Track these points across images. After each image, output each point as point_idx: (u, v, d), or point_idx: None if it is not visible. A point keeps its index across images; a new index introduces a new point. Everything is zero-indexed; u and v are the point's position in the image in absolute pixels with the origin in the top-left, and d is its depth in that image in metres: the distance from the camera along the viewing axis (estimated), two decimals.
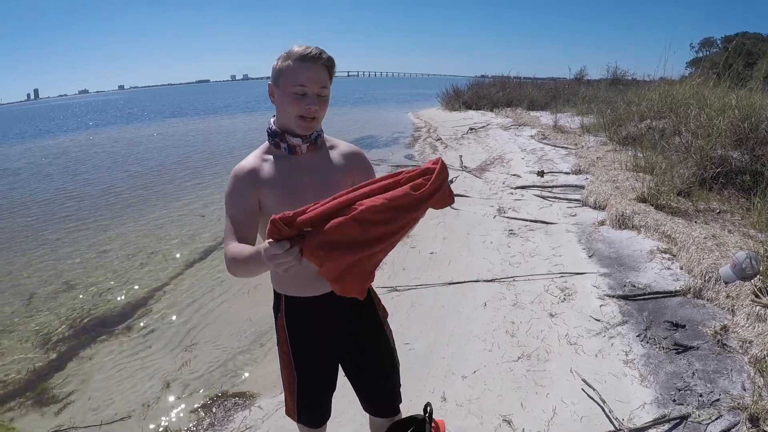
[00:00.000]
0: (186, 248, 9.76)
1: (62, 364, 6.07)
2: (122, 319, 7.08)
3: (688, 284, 5.77)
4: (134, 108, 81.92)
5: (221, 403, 5.01)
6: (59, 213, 13.05)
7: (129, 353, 6.19)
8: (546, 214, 9.20)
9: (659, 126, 12.86)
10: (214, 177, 16.77)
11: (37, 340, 6.64)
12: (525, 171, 12.76)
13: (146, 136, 33.38)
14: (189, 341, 6.36)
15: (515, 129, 20.71)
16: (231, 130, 34.60)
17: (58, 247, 10.22)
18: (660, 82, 16.54)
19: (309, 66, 2.33)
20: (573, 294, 6.08)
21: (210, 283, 8.00)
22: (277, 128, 2.51)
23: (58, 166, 21.04)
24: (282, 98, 2.39)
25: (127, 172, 18.71)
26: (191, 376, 5.59)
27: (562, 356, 4.87)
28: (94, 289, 8.06)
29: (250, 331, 6.48)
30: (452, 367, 4.89)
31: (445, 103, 35.79)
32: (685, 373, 4.40)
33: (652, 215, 7.63)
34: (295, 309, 2.68)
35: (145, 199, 14.23)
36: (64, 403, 5.31)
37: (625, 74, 30.89)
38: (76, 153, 25.50)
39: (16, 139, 38.24)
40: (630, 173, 10.25)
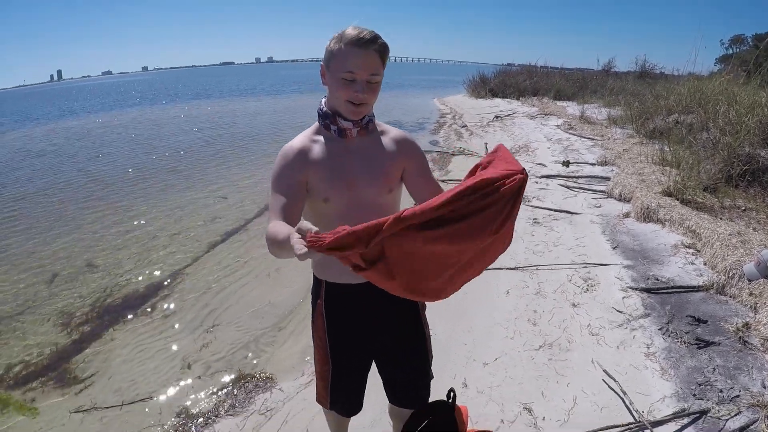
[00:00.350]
0: (208, 230, 9.81)
1: (84, 344, 6.12)
2: (144, 300, 7.13)
3: (712, 280, 5.75)
4: (158, 89, 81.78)
5: (242, 385, 5.04)
6: (82, 194, 13.10)
7: (151, 334, 6.25)
8: (570, 204, 9.19)
9: (687, 121, 12.76)
10: (237, 159, 16.85)
11: (60, 320, 6.69)
12: (550, 160, 12.71)
13: (170, 117, 33.41)
14: (210, 323, 6.40)
15: (541, 118, 20.57)
16: (256, 112, 34.51)
17: (81, 228, 10.28)
18: (689, 77, 16.41)
19: (360, 52, 2.25)
20: (596, 285, 6.08)
21: (232, 265, 8.05)
22: (327, 110, 2.46)
23: (80, 148, 21.05)
24: (332, 82, 2.34)
25: (150, 153, 18.73)
26: (212, 358, 5.64)
27: (583, 346, 4.89)
28: (117, 270, 8.11)
29: (272, 313, 6.53)
30: (474, 354, 4.92)
31: (471, 90, 35.64)
32: (705, 368, 4.40)
33: (677, 209, 7.60)
34: (336, 296, 2.67)
35: (168, 181, 14.25)
36: (86, 383, 5.35)
37: (654, 67, 30.61)
38: (99, 134, 25.55)
39: (39, 120, 38.23)
40: (656, 167, 10.18)
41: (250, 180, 13.79)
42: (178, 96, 60.01)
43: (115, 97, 68.43)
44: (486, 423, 3.94)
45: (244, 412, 4.59)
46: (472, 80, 36.47)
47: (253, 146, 19.38)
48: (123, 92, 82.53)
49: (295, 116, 30.04)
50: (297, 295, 6.90)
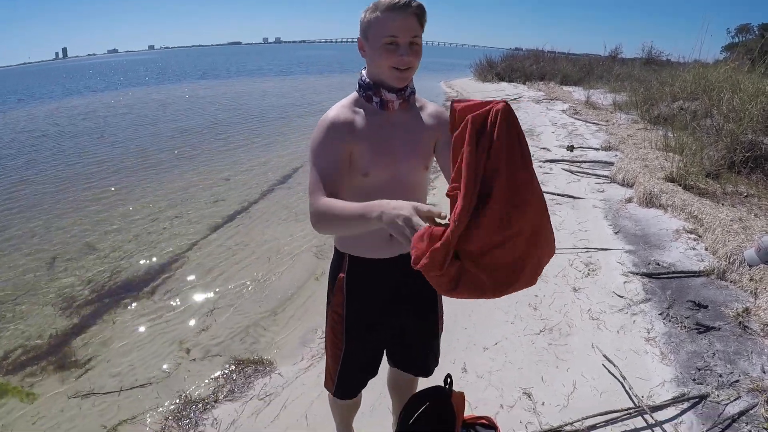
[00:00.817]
0: (210, 212, 9.76)
1: (84, 328, 6.09)
2: (145, 283, 7.10)
3: (713, 265, 5.76)
4: (165, 69, 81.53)
5: (241, 369, 5.01)
6: (83, 176, 13.01)
7: (150, 317, 6.22)
8: (574, 188, 9.19)
9: (691, 107, 12.75)
10: (242, 141, 16.79)
11: (60, 303, 6.67)
12: (555, 145, 12.69)
13: (176, 97, 33.19)
14: (210, 306, 6.38)
15: (547, 103, 20.53)
16: (262, 93, 34.43)
17: (82, 210, 10.24)
18: (694, 64, 16.40)
19: (398, 15, 2.18)
20: (597, 269, 6.09)
21: (233, 248, 8.03)
22: (370, 81, 2.38)
23: (83, 128, 20.87)
24: (373, 51, 2.28)
25: (153, 134, 18.68)
26: (211, 342, 5.62)
27: (584, 331, 4.89)
28: (117, 252, 8.09)
29: (272, 297, 6.52)
30: (474, 338, 4.93)
31: (478, 73, 35.61)
32: (705, 353, 4.40)
33: (679, 195, 7.60)
34: (360, 270, 2.62)
35: (171, 162, 14.18)
36: (85, 368, 5.32)
37: (660, 54, 30.58)
38: (102, 115, 25.40)
39: (43, 99, 38.02)
40: (660, 152, 10.18)
41: (254, 162, 13.77)
42: (184, 76, 59.87)
43: (120, 76, 68.19)
44: (485, 408, 3.94)
45: (243, 397, 4.57)
46: (479, 64, 36.44)
47: (258, 128, 19.29)
48: (129, 71, 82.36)
49: (303, 97, 30.16)
50: (297, 279, 6.90)
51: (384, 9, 2.19)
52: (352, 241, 2.59)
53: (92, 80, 60.51)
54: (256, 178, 11.99)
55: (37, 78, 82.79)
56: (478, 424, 3.15)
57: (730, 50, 34.21)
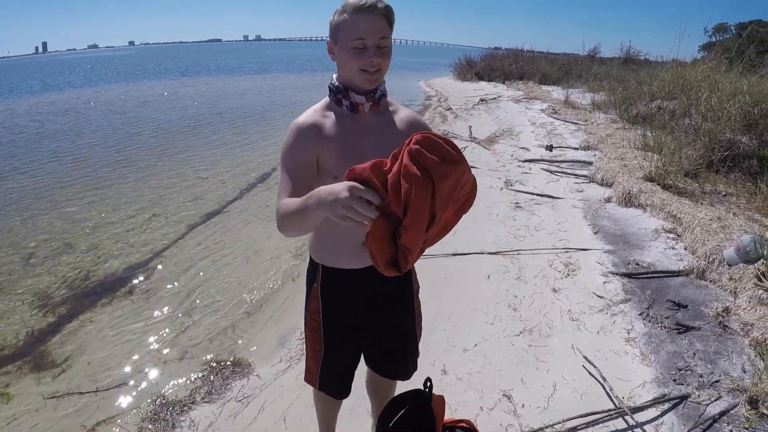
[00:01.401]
0: (188, 211, 9.69)
1: (60, 327, 6.02)
2: (122, 282, 7.03)
3: (692, 265, 5.76)
4: (146, 65, 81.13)
5: (219, 371, 4.96)
6: (61, 172, 12.87)
7: (128, 317, 6.15)
8: (553, 188, 9.18)
9: (670, 107, 12.81)
10: (220, 139, 16.71)
11: (36, 301, 6.58)
12: (534, 144, 12.70)
13: (156, 94, 32.91)
14: (188, 306, 6.32)
15: (526, 102, 20.60)
16: (242, 91, 34.31)
17: (59, 207, 10.11)
18: (672, 63, 16.52)
19: (366, 17, 2.18)
20: (577, 270, 6.07)
21: (211, 247, 7.97)
22: (339, 84, 2.37)
23: (62, 124, 20.66)
24: (342, 54, 2.27)
25: (132, 131, 18.48)
26: (189, 343, 5.57)
27: (563, 332, 4.86)
28: (95, 250, 8.00)
29: (250, 298, 6.47)
30: (454, 339, 4.89)
31: (457, 72, 35.83)
32: (686, 353, 4.39)
33: (658, 194, 7.61)
34: (333, 281, 2.60)
35: (148, 160, 14.07)
36: (62, 368, 5.26)
37: (638, 54, 30.84)
38: (81, 110, 25.15)
39: (22, 93, 37.52)
40: (638, 152, 10.20)
41: (233, 161, 13.71)
42: (165, 72, 59.66)
43: (100, 71, 67.72)
44: (465, 410, 3.91)
45: (221, 399, 4.52)
46: (459, 63, 36.65)
47: (238, 126, 19.21)
48: (109, 67, 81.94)
49: (283, 96, 30.01)
50: (275, 279, 6.86)
51: (351, 11, 2.19)
52: (324, 251, 2.58)
53: (73, 75, 59.76)
54: (235, 177, 11.92)
55: (17, 72, 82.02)
56: (458, 428, 3.12)
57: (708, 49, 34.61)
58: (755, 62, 14.64)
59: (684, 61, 17.50)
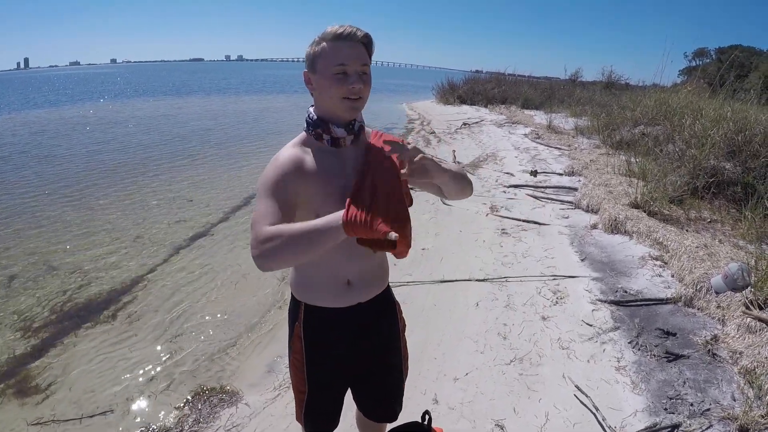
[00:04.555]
0: (173, 233, 9.60)
1: (43, 351, 5.92)
2: (107, 305, 6.94)
3: (680, 292, 5.79)
4: (132, 84, 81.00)
5: (207, 398, 4.88)
6: (43, 192, 12.70)
7: (113, 342, 6.06)
8: (539, 214, 9.21)
9: (653, 133, 12.90)
10: (205, 160, 16.61)
11: (19, 324, 6.49)
12: (518, 169, 12.77)
13: (142, 113, 32.75)
14: (175, 331, 6.24)
15: (509, 126, 20.74)
16: (228, 112, 34.27)
17: (41, 228, 9.99)
18: (652, 88, 16.64)
19: (346, 44, 2.15)
20: (565, 297, 6.08)
21: (196, 271, 7.87)
22: (318, 117, 2.30)
23: (43, 142, 20.57)
24: (322, 82, 2.20)
25: (117, 151, 18.33)
26: (176, 369, 5.48)
27: (554, 360, 4.86)
28: (78, 273, 7.89)
29: (238, 323, 6.39)
30: (444, 368, 4.86)
31: (440, 96, 35.92)
32: (676, 382, 4.41)
33: (644, 221, 7.66)
34: (317, 320, 2.51)
35: (133, 180, 13.93)
36: (45, 393, 5.17)
37: (620, 78, 31.10)
38: (63, 128, 24.96)
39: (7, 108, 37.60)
40: (623, 178, 10.27)
41: (217, 182, 13.63)
42: (151, 91, 59.78)
43: (84, 88, 67.78)
44: None
45: (209, 428, 4.44)
46: (441, 86, 36.77)
47: (222, 148, 19.14)
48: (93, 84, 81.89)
49: (269, 117, 30.01)
50: (263, 304, 6.79)
51: (331, 38, 2.16)
52: (307, 289, 2.50)
53: (58, 93, 59.43)
54: (218, 200, 11.82)
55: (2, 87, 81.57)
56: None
57: (688, 74, 34.98)
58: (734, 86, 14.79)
59: (664, 85, 17.67)
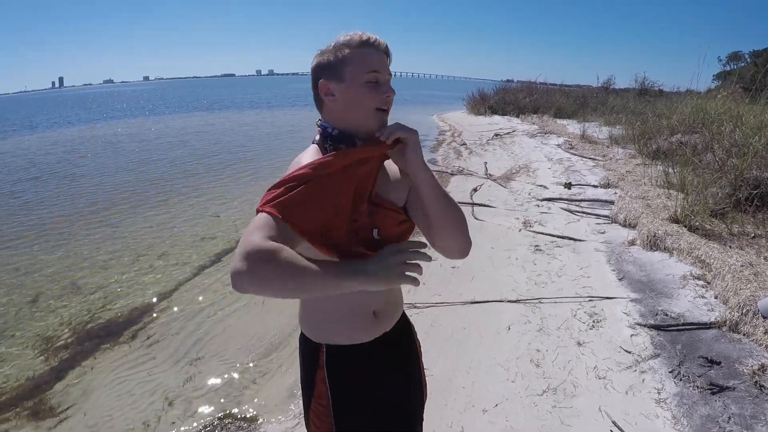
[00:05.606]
0: (197, 251, 9.46)
1: (63, 373, 5.81)
2: (127, 325, 6.81)
3: (724, 316, 5.42)
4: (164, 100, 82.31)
5: (225, 425, 4.72)
6: (67, 210, 12.75)
7: (132, 364, 5.92)
8: (574, 229, 8.89)
9: (691, 141, 12.53)
10: (232, 176, 16.52)
11: (39, 345, 6.40)
12: (552, 182, 12.46)
13: (171, 129, 33.17)
14: (195, 354, 6.07)
15: (541, 137, 20.43)
16: (255, 126, 34.63)
17: (68, 245, 9.97)
18: (687, 94, 16.30)
19: (374, 52, 1.96)
20: (602, 321, 5.76)
21: (221, 290, 7.68)
22: (341, 131, 2.01)
23: (70, 160, 20.78)
24: (351, 92, 1.95)
25: (143, 167, 18.46)
26: (195, 394, 5.31)
27: (590, 391, 4.55)
28: (102, 291, 7.79)
29: (259, 345, 6.18)
30: (472, 398, 4.58)
31: (471, 106, 35.69)
32: (720, 417, 4.09)
33: (685, 237, 7.30)
34: (341, 360, 2.16)
35: (158, 197, 13.93)
36: (61, 417, 5.04)
37: (653, 85, 30.78)
38: (93, 145, 25.38)
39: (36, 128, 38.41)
40: (660, 190, 9.93)
41: (244, 198, 13.46)
42: (182, 107, 60.91)
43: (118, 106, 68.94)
44: None
45: None
46: (472, 97, 36.52)
47: (249, 163, 19.01)
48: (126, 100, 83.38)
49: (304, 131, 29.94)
50: (286, 325, 6.53)
51: (357, 45, 1.95)
52: (327, 328, 2.16)
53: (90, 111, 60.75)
54: (246, 216, 11.57)
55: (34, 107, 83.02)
56: None
57: (722, 78, 34.52)
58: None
59: (699, 91, 17.33)
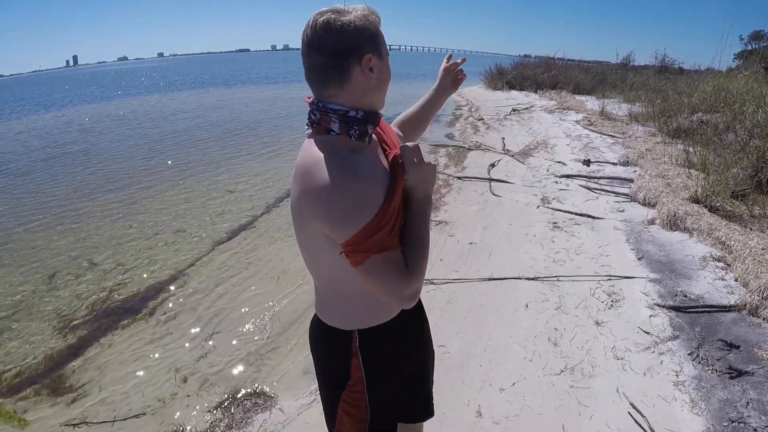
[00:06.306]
0: (212, 227, 9.44)
1: (79, 350, 5.83)
2: (144, 302, 6.82)
3: (744, 299, 5.36)
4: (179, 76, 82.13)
5: (240, 402, 4.73)
6: (84, 187, 12.76)
7: (149, 341, 5.94)
8: (592, 207, 8.79)
9: (712, 120, 12.37)
10: (249, 151, 16.42)
11: (57, 322, 6.42)
12: (570, 158, 12.32)
13: (186, 106, 33.04)
14: (210, 330, 6.07)
15: (559, 113, 20.19)
16: (272, 100, 34.48)
17: (84, 222, 10.01)
18: (708, 73, 16.10)
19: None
20: (621, 300, 5.71)
21: (237, 266, 7.69)
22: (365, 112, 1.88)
23: (86, 138, 20.81)
24: (386, 71, 1.90)
25: (158, 144, 18.43)
26: (210, 371, 5.31)
27: (608, 372, 4.52)
28: (118, 268, 7.81)
29: (275, 322, 6.17)
30: (489, 376, 4.57)
31: (488, 81, 35.30)
32: (738, 402, 4.05)
33: (705, 218, 7.21)
34: (372, 341, 2.10)
35: (174, 172, 13.90)
36: (79, 393, 5.07)
37: (674, 62, 30.46)
38: (107, 123, 25.41)
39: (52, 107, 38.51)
40: (681, 169, 9.78)
41: (260, 174, 13.38)
42: (198, 83, 60.88)
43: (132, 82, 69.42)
44: None
45: None
46: (489, 72, 36.14)
47: (268, 138, 18.76)
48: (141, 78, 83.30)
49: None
50: (302, 302, 6.53)
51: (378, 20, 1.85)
52: (360, 312, 2.08)
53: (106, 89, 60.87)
54: (261, 192, 11.61)
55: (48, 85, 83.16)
56: None
57: (744, 58, 34.15)
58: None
59: (720, 70, 17.13)
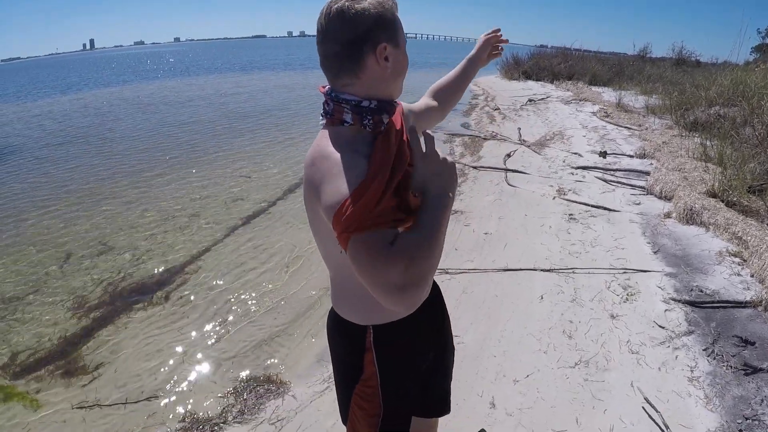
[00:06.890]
0: (228, 212, 9.45)
1: (93, 332, 5.87)
2: (158, 286, 6.84)
3: (760, 296, 5.33)
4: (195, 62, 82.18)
5: (253, 388, 4.72)
6: (99, 170, 12.80)
7: (162, 324, 5.97)
8: (608, 199, 8.75)
9: (730, 114, 12.28)
10: (266, 137, 16.35)
11: (71, 304, 6.45)
12: (586, 150, 12.25)
13: (203, 91, 33.00)
14: (224, 316, 6.09)
15: (576, 104, 20.07)
16: (289, 86, 34.35)
17: (99, 205, 10.03)
18: (725, 66, 15.98)
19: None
20: (636, 294, 5.68)
21: (251, 252, 7.71)
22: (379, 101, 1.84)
23: (101, 121, 20.78)
24: (403, 59, 1.88)
25: (175, 128, 18.40)
26: (223, 356, 5.34)
27: (622, 366, 4.51)
28: (133, 251, 7.84)
29: (289, 308, 6.19)
30: (503, 368, 4.56)
31: (504, 71, 35.17)
32: (753, 399, 4.03)
33: (722, 212, 7.16)
34: (386, 337, 2.09)
35: (190, 157, 13.89)
36: (92, 375, 5.10)
37: (691, 55, 30.29)
38: (122, 107, 25.42)
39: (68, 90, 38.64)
40: (698, 162, 9.72)
41: (277, 159, 13.38)
42: (216, 68, 60.72)
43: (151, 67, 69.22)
44: None
45: (254, 420, 4.29)
46: (505, 61, 36.00)
47: (283, 124, 18.73)
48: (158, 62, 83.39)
49: None
50: (317, 288, 6.56)
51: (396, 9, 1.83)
52: (374, 308, 2.04)
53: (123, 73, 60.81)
54: (277, 177, 11.60)
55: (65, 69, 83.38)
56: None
57: (762, 51, 33.93)
58: None
59: (737, 63, 17.01)
